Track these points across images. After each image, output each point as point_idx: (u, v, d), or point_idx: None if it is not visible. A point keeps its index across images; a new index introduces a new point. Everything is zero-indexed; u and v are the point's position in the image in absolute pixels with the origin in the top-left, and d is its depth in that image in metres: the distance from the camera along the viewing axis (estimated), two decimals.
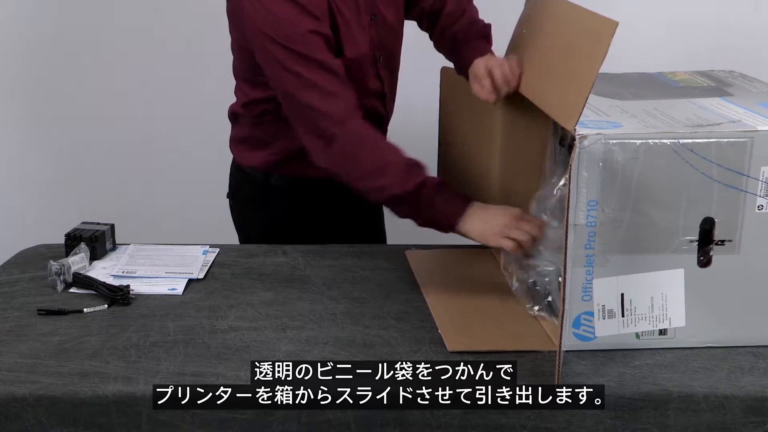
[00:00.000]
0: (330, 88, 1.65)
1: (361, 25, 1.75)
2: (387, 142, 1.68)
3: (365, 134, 1.66)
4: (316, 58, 1.64)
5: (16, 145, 2.81)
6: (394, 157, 1.63)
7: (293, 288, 1.67)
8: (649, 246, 1.37)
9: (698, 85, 1.68)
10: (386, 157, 1.63)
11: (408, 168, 1.61)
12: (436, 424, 1.31)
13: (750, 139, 1.34)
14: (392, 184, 1.61)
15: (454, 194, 1.62)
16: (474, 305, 1.60)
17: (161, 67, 2.71)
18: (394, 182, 1.61)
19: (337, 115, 1.64)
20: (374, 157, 1.64)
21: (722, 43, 2.56)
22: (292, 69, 1.65)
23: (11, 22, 2.68)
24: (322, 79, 1.64)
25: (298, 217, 1.92)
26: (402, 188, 1.60)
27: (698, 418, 1.31)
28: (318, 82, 1.64)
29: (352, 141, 1.65)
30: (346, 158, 1.65)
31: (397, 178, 1.61)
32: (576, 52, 1.40)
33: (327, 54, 1.66)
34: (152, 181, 2.82)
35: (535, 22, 1.67)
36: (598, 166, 1.32)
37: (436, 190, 1.60)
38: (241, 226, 2.03)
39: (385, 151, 1.65)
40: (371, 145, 1.66)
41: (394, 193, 1.61)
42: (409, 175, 1.60)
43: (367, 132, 1.66)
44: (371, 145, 1.66)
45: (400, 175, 1.61)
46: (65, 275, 1.65)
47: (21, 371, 1.36)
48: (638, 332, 1.41)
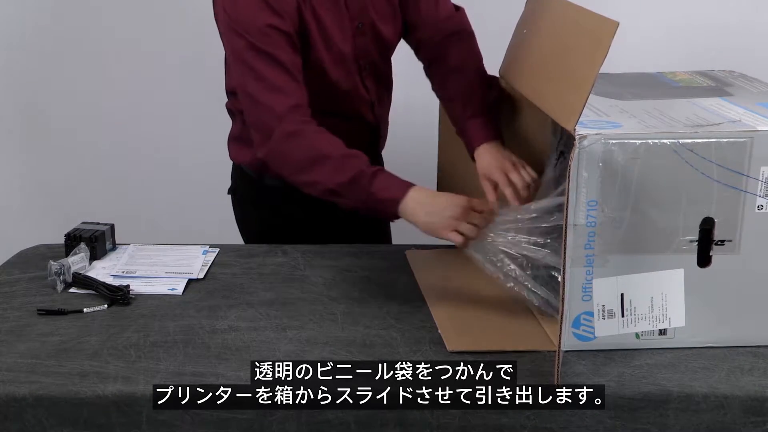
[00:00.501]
0: (277, 83, 1.65)
1: (342, 29, 1.75)
2: (326, 137, 1.64)
3: (302, 129, 1.65)
4: (268, 52, 1.65)
5: (16, 145, 2.81)
6: (330, 150, 1.62)
7: (293, 288, 1.67)
8: (649, 246, 1.37)
9: (698, 85, 1.68)
10: (321, 151, 1.62)
11: (343, 160, 1.60)
12: (436, 424, 1.31)
13: (750, 139, 1.34)
14: (326, 178, 1.61)
15: (392, 182, 1.59)
16: (474, 305, 1.60)
17: (161, 66, 2.71)
18: (328, 176, 1.60)
19: (278, 110, 1.65)
20: (308, 151, 1.63)
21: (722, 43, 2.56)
22: (244, 59, 1.67)
23: (11, 22, 2.68)
24: (271, 73, 1.65)
25: (296, 217, 1.92)
26: (335, 181, 1.59)
27: (698, 418, 1.31)
28: (266, 76, 1.65)
29: (286, 135, 1.64)
30: (280, 152, 1.66)
31: (330, 171, 1.60)
32: (576, 52, 1.40)
33: (282, 50, 1.66)
34: (152, 181, 2.82)
35: (535, 22, 1.67)
36: (598, 166, 1.32)
37: (371, 179, 1.58)
38: (241, 223, 2.04)
39: (320, 145, 1.63)
40: (306, 140, 1.64)
41: (328, 187, 1.61)
42: (344, 167, 1.59)
43: (304, 127, 1.65)
44: (306, 139, 1.64)
45: (334, 168, 1.60)
46: (65, 275, 1.65)
47: (21, 371, 1.36)
48: (638, 332, 1.41)
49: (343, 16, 1.75)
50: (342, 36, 1.76)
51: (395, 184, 1.59)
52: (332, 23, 1.73)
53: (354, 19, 1.77)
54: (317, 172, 1.62)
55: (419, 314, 1.55)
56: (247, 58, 1.66)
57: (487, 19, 1.85)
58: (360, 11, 1.77)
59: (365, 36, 1.79)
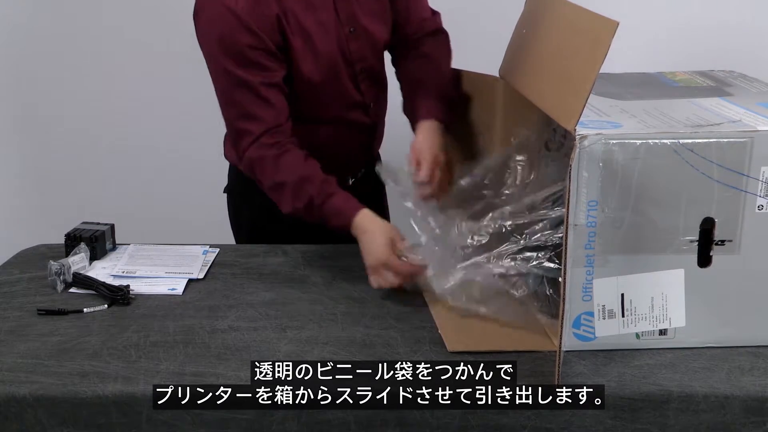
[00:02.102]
0: (248, 109, 1.70)
1: (332, 37, 1.76)
2: (285, 160, 1.70)
3: (264, 156, 1.70)
4: (239, 76, 1.68)
5: (16, 145, 2.81)
6: (286, 176, 1.69)
7: (293, 288, 1.67)
8: (649, 246, 1.37)
9: (698, 85, 1.68)
10: (279, 178, 1.69)
11: (298, 186, 1.68)
12: (436, 424, 1.31)
13: (750, 139, 1.34)
14: (285, 203, 1.70)
15: (339, 208, 1.66)
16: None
17: (162, 66, 2.71)
18: (287, 201, 1.69)
19: (247, 138, 1.71)
20: (268, 177, 1.71)
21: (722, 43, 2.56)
22: (219, 82, 1.73)
23: (11, 22, 2.68)
24: (242, 98, 1.70)
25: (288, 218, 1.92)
26: (293, 206, 1.69)
27: (698, 418, 1.31)
28: (238, 101, 1.71)
29: (251, 162, 1.72)
30: (250, 173, 1.75)
31: (288, 198, 1.69)
32: (576, 52, 1.40)
33: (258, 69, 1.69)
34: (152, 181, 2.82)
35: (535, 22, 1.67)
36: (599, 166, 1.32)
37: (321, 207, 1.66)
38: (234, 222, 2.04)
39: (277, 173, 1.70)
40: (267, 167, 1.70)
41: (287, 210, 1.70)
42: (299, 194, 1.68)
43: (267, 153, 1.70)
44: (267, 167, 1.71)
45: (290, 195, 1.68)
46: (65, 275, 1.65)
47: (21, 371, 1.36)
48: (638, 332, 1.41)
49: (333, 24, 1.75)
50: (332, 44, 1.76)
51: (343, 209, 1.66)
52: (319, 32, 1.74)
53: (345, 24, 1.77)
54: (280, 198, 1.71)
55: (419, 314, 1.55)
56: (222, 83, 1.72)
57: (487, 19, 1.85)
58: (350, 16, 1.78)
59: (359, 40, 1.80)
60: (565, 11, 1.52)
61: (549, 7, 1.62)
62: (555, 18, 1.58)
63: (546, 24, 1.61)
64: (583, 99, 1.28)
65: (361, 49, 1.81)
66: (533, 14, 1.70)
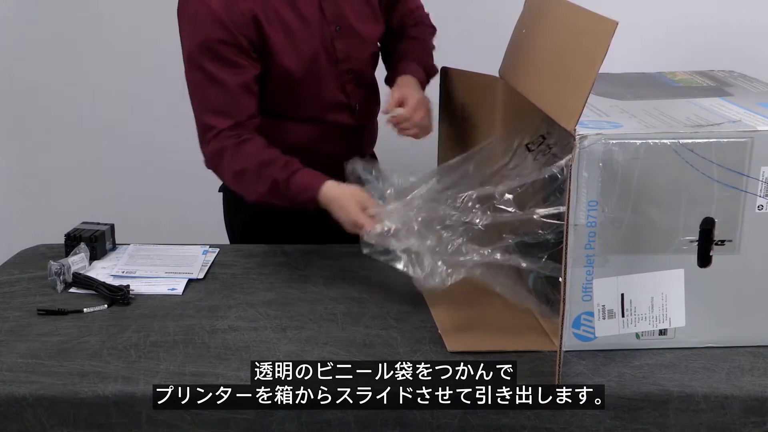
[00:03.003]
0: (215, 102, 1.71)
1: (316, 35, 1.75)
2: (245, 148, 1.69)
3: (222, 147, 1.70)
4: (208, 71, 1.69)
5: (16, 145, 2.81)
6: (246, 163, 1.69)
7: (293, 288, 1.67)
8: (649, 246, 1.37)
9: (698, 85, 1.68)
10: (240, 166, 1.69)
11: (259, 170, 1.67)
12: (436, 424, 1.31)
13: (750, 139, 1.34)
14: (249, 190, 1.70)
15: (305, 182, 1.65)
16: (474, 305, 1.59)
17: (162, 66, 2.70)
18: (251, 188, 1.69)
19: (209, 133, 1.71)
20: (228, 168, 1.71)
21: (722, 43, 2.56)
22: (189, 76, 1.73)
23: (11, 22, 2.68)
24: (212, 93, 1.71)
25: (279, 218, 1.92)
26: (257, 191, 1.68)
27: (698, 418, 1.31)
28: (207, 96, 1.71)
29: (211, 155, 1.73)
30: (213, 167, 1.75)
31: (251, 184, 1.69)
32: (575, 51, 1.40)
33: (227, 65, 1.69)
34: (152, 181, 2.82)
35: (534, 22, 1.67)
36: (599, 166, 1.32)
37: (287, 184, 1.65)
38: (228, 221, 2.04)
39: (239, 161, 1.70)
40: (227, 158, 1.71)
41: (253, 198, 1.70)
42: (261, 177, 1.67)
43: (224, 144, 1.70)
44: (227, 157, 1.71)
45: (253, 180, 1.68)
46: (65, 275, 1.65)
47: (21, 371, 1.36)
48: (638, 332, 1.41)
49: (317, 20, 1.75)
50: (315, 40, 1.76)
51: (309, 183, 1.65)
52: (301, 27, 1.74)
53: (331, 23, 1.77)
54: (242, 186, 1.72)
55: (419, 314, 1.55)
56: (192, 77, 1.72)
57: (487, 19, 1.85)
58: (337, 15, 1.77)
59: (345, 39, 1.79)
60: (564, 11, 1.52)
61: (548, 7, 1.62)
62: (554, 18, 1.58)
63: (545, 24, 1.61)
64: (582, 99, 1.28)
65: (347, 49, 1.80)
66: (532, 14, 1.70)
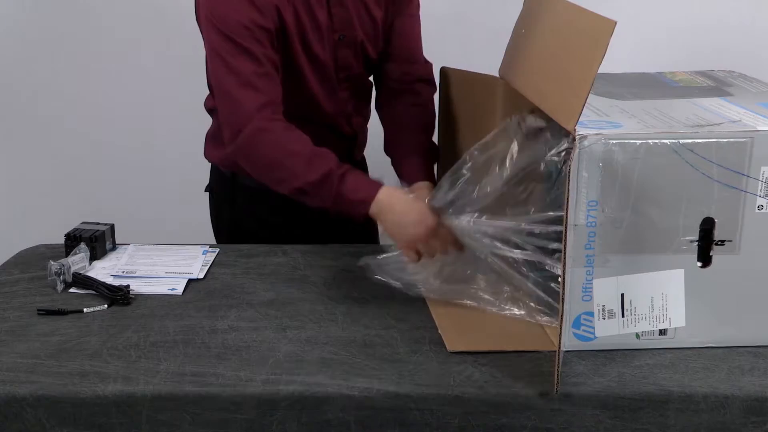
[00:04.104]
0: (251, 79, 1.64)
1: (322, 39, 1.75)
2: (295, 134, 1.64)
3: (270, 126, 1.64)
4: (245, 47, 1.63)
5: (16, 145, 2.81)
6: (299, 148, 1.62)
7: (293, 288, 1.67)
8: (649, 246, 1.37)
9: (698, 85, 1.68)
10: (289, 149, 1.62)
11: (312, 158, 1.60)
12: (436, 424, 1.31)
13: (750, 139, 1.34)
14: (294, 176, 1.60)
15: (361, 183, 1.60)
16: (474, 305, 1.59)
17: (162, 66, 2.71)
18: (297, 174, 1.60)
19: (249, 107, 1.64)
20: (276, 148, 1.63)
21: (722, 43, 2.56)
22: (221, 54, 1.65)
23: (11, 22, 2.68)
24: (246, 68, 1.64)
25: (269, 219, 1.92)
26: (304, 180, 1.59)
27: (698, 418, 1.31)
28: (241, 71, 1.64)
29: (255, 131, 1.63)
30: (249, 149, 1.65)
31: (299, 170, 1.60)
32: (574, 51, 1.40)
33: (260, 46, 1.65)
34: (152, 181, 2.82)
35: (533, 22, 1.67)
36: (598, 166, 1.32)
37: (341, 179, 1.58)
38: (215, 222, 2.04)
39: (288, 143, 1.63)
40: (275, 137, 1.63)
41: (296, 186, 1.61)
42: (313, 166, 1.59)
43: (273, 125, 1.64)
44: (275, 136, 1.63)
45: (302, 166, 1.60)
46: (65, 275, 1.65)
47: (21, 371, 1.36)
48: (638, 332, 1.41)
49: (324, 26, 1.74)
50: (321, 45, 1.75)
51: (365, 185, 1.60)
52: (312, 30, 1.73)
53: (336, 30, 1.77)
54: (286, 170, 1.62)
55: (419, 314, 1.55)
56: (224, 53, 1.65)
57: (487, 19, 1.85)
58: (343, 24, 1.77)
59: (347, 49, 1.79)
60: (563, 11, 1.52)
61: (547, 7, 1.62)
62: (553, 18, 1.58)
63: (544, 24, 1.61)
64: (582, 99, 1.28)
65: (347, 58, 1.80)
66: (531, 14, 1.70)
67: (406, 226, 1.56)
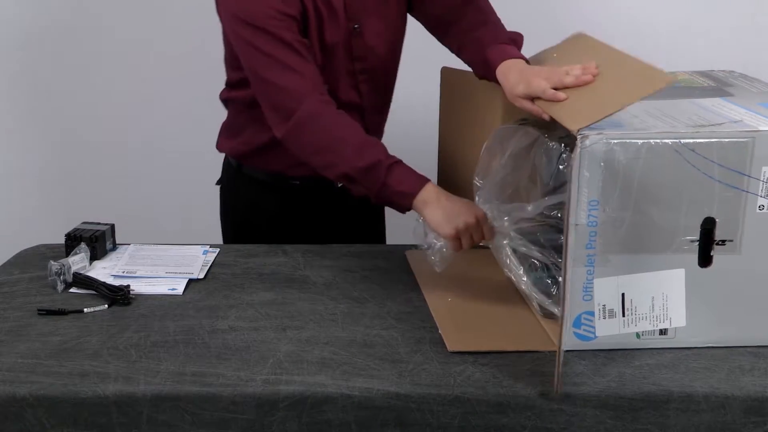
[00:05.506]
0: (291, 63, 1.65)
1: (337, 29, 1.74)
2: (346, 120, 1.65)
3: (322, 110, 1.65)
4: (279, 35, 1.64)
5: (15, 144, 2.81)
6: (350, 134, 1.63)
7: (293, 288, 1.66)
8: (650, 246, 1.37)
9: (698, 85, 1.67)
10: (340, 134, 1.63)
11: (362, 146, 1.61)
12: (436, 424, 1.31)
13: (751, 139, 1.34)
14: (343, 161, 1.61)
15: (408, 175, 1.60)
16: (474, 305, 1.59)
17: (162, 66, 2.71)
18: (346, 160, 1.61)
19: (295, 91, 1.65)
20: (328, 133, 1.64)
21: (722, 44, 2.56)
22: (255, 45, 1.66)
23: (11, 21, 2.68)
24: (283, 55, 1.65)
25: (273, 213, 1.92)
26: (353, 166, 1.60)
27: (698, 418, 1.31)
28: (279, 58, 1.65)
29: (307, 116, 1.64)
30: (300, 132, 1.66)
31: (348, 156, 1.61)
32: (613, 84, 1.39)
33: (291, 33, 1.66)
34: (152, 181, 2.82)
35: (571, 52, 1.60)
36: (600, 165, 1.32)
37: (388, 170, 1.59)
38: (222, 215, 2.04)
39: (340, 128, 1.64)
40: (327, 122, 1.65)
41: (343, 171, 1.61)
42: (363, 154, 1.60)
43: (324, 108, 1.65)
44: (327, 121, 1.65)
45: (352, 153, 1.60)
46: (65, 275, 1.65)
47: (21, 371, 1.36)
48: (639, 332, 1.40)
49: (339, 15, 1.74)
50: (336, 35, 1.75)
51: (411, 177, 1.60)
52: (328, 19, 1.73)
53: (351, 20, 1.76)
54: (335, 155, 1.63)
55: (419, 314, 1.55)
56: (259, 44, 1.66)
57: None
58: (358, 12, 1.76)
59: (362, 38, 1.78)
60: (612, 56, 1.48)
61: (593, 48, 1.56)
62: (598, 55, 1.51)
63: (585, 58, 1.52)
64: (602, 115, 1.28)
65: (362, 49, 1.80)
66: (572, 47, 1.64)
67: (457, 215, 1.56)
